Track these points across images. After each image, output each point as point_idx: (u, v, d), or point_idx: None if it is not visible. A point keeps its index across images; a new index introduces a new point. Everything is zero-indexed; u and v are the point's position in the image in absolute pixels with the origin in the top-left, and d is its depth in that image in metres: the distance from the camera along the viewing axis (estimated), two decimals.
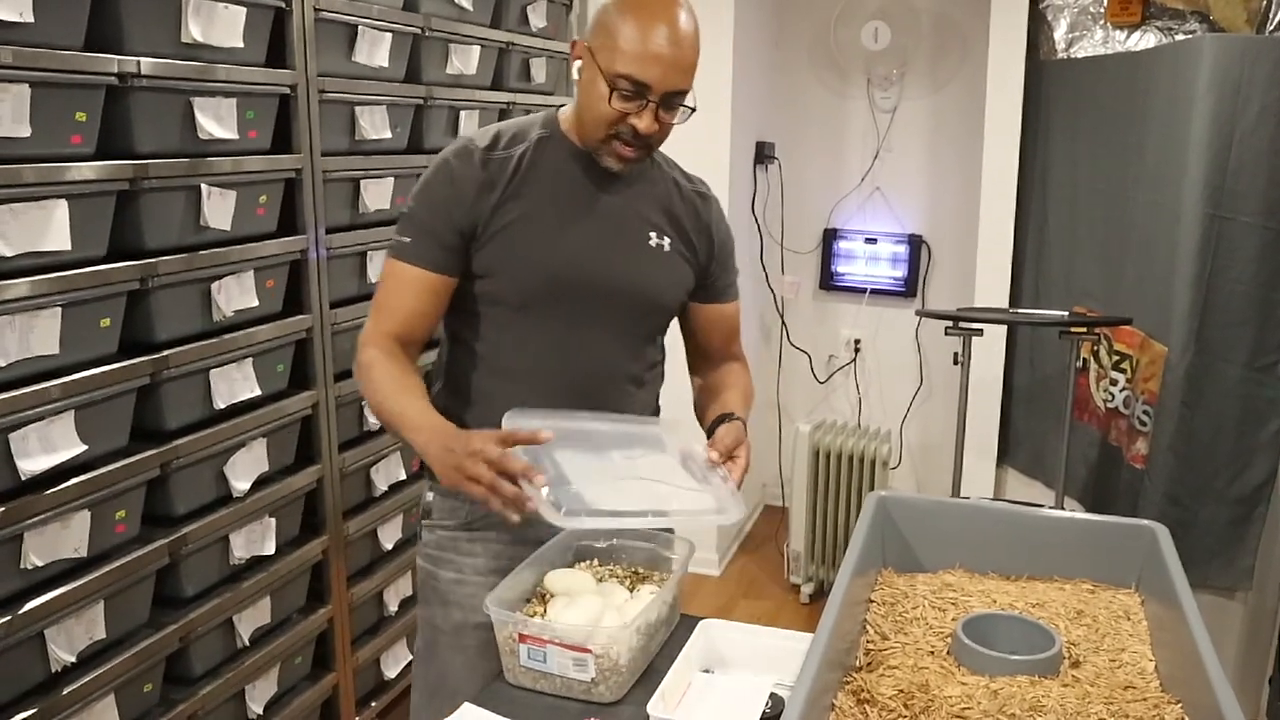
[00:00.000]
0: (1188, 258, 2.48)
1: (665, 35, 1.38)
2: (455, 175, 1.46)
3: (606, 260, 1.51)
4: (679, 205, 1.59)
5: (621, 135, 1.43)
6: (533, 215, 1.47)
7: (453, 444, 1.30)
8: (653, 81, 1.38)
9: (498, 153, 1.48)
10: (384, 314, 1.48)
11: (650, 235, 1.55)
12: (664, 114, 1.42)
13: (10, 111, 1.50)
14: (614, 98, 1.39)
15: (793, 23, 3.89)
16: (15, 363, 1.54)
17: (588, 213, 1.50)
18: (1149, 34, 3.05)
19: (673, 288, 1.59)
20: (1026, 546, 1.43)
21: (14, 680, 1.58)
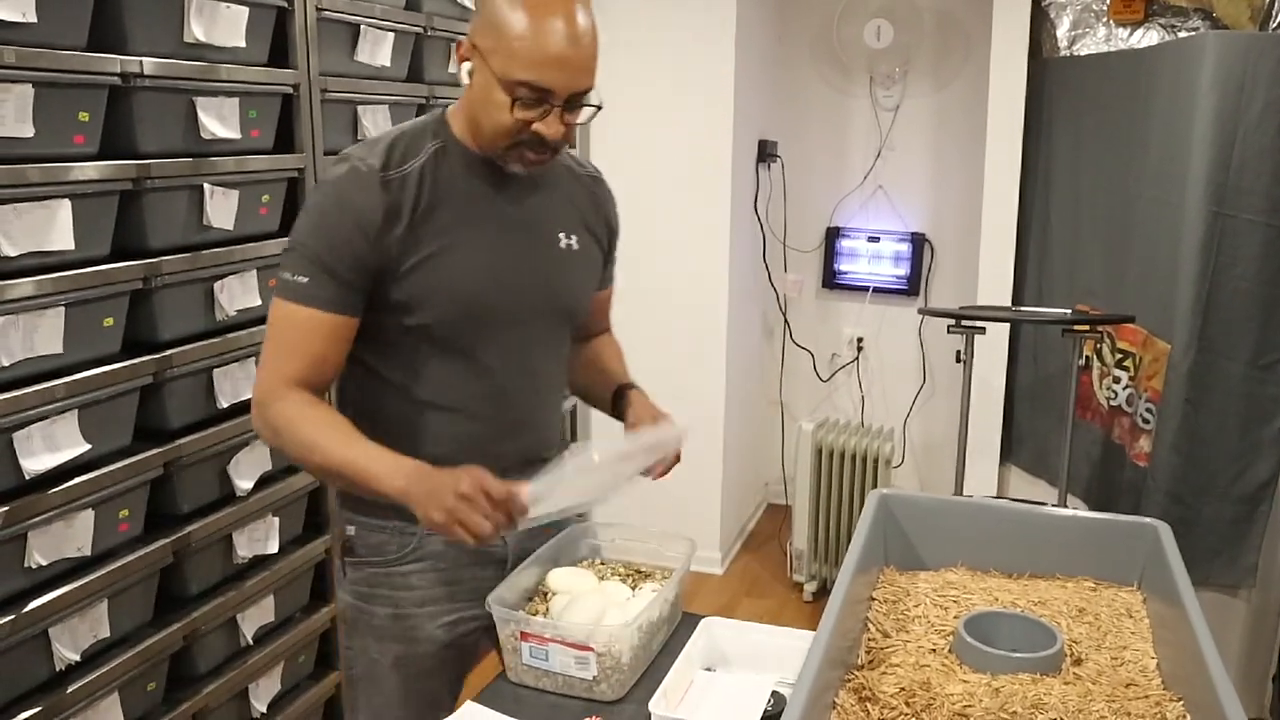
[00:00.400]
0: (1191, 255, 2.48)
1: (564, 33, 1.27)
2: (356, 206, 1.32)
3: (526, 275, 1.43)
4: (578, 196, 1.53)
5: (526, 143, 1.33)
6: (447, 241, 1.36)
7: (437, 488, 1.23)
8: (556, 86, 1.29)
9: (394, 172, 1.34)
10: (284, 362, 1.34)
11: (560, 237, 1.49)
12: (569, 116, 1.34)
13: (14, 111, 1.50)
14: (516, 107, 1.29)
15: (795, 20, 3.89)
16: (19, 362, 1.55)
17: (500, 227, 1.42)
18: (1152, 31, 3.05)
19: (588, 286, 1.56)
20: (1028, 544, 1.44)
21: (18, 679, 1.59)
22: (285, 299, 1.33)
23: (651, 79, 3.44)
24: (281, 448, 1.36)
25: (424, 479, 1.26)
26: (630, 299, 3.61)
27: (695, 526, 3.53)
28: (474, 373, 1.42)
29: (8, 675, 1.57)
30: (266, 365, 1.36)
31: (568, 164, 1.54)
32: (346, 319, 1.35)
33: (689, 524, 3.44)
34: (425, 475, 1.27)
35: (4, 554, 1.55)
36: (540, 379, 1.51)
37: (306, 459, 1.34)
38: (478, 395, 1.43)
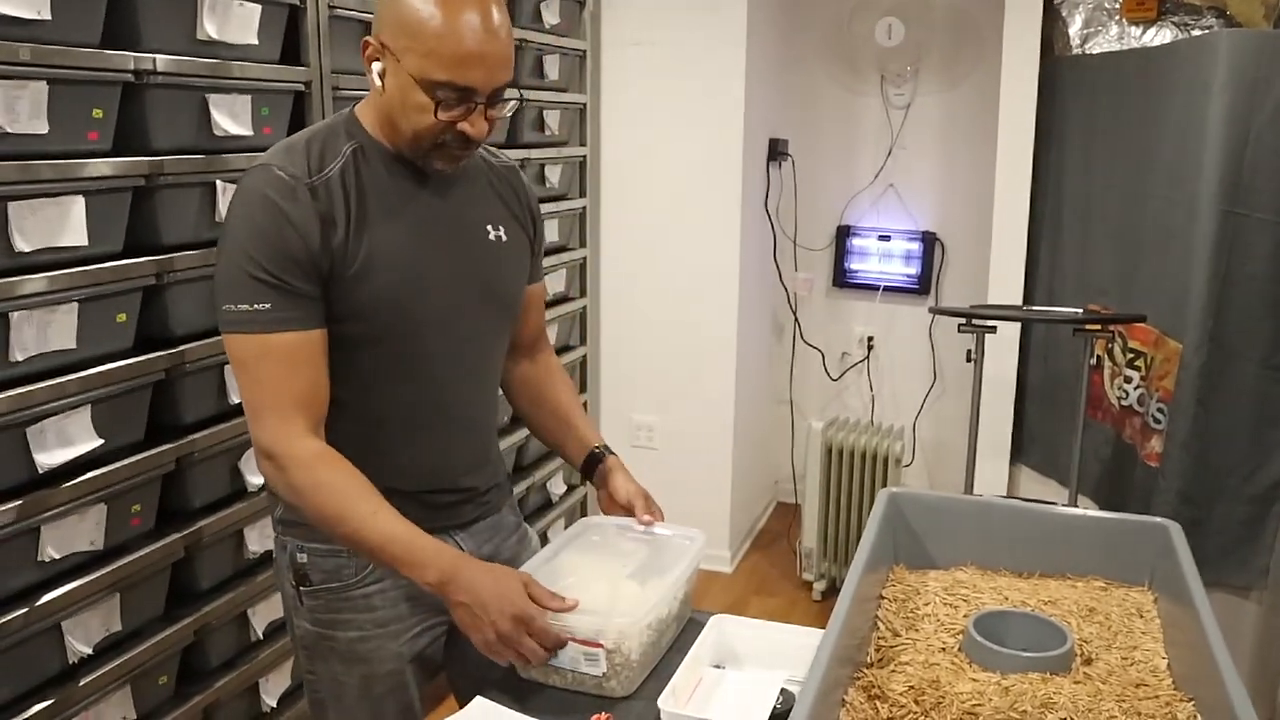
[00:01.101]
0: (1203, 254, 2.47)
1: (481, 29, 1.24)
2: (290, 214, 1.27)
3: (457, 268, 1.41)
4: (499, 187, 1.51)
5: (449, 142, 1.31)
6: (380, 245, 1.33)
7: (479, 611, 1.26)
8: (478, 84, 1.26)
9: (318, 178, 1.30)
10: (281, 403, 1.27)
11: (488, 229, 1.46)
12: (490, 111, 1.31)
13: (28, 108, 1.51)
14: (439, 109, 1.26)
15: (806, 18, 3.88)
16: (33, 357, 1.56)
17: (426, 222, 1.38)
18: (1165, 30, 3.03)
19: (518, 276, 1.54)
20: (1038, 544, 1.43)
21: (31, 671, 1.60)
22: (248, 333, 1.26)
23: (662, 78, 3.44)
24: (302, 510, 1.32)
25: (461, 578, 1.28)
26: (641, 297, 3.65)
27: (704, 524, 3.52)
28: (420, 379, 1.40)
29: (20, 668, 1.58)
30: (261, 412, 1.28)
31: (483, 155, 1.51)
32: (321, 332, 1.30)
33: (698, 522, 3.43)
34: (462, 571, 1.28)
35: (17, 547, 1.56)
36: (483, 377, 1.51)
37: (333, 529, 1.31)
38: (421, 404, 1.41)
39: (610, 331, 3.67)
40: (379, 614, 1.45)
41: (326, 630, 1.45)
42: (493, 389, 1.56)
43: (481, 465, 1.53)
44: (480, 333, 1.47)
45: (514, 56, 1.31)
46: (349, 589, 1.43)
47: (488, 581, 1.28)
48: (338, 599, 1.43)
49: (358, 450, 1.34)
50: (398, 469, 1.41)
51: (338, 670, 1.46)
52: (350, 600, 1.43)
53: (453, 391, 1.45)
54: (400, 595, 1.45)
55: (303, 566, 1.44)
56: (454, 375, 1.44)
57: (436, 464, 1.39)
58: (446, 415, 1.45)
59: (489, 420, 1.57)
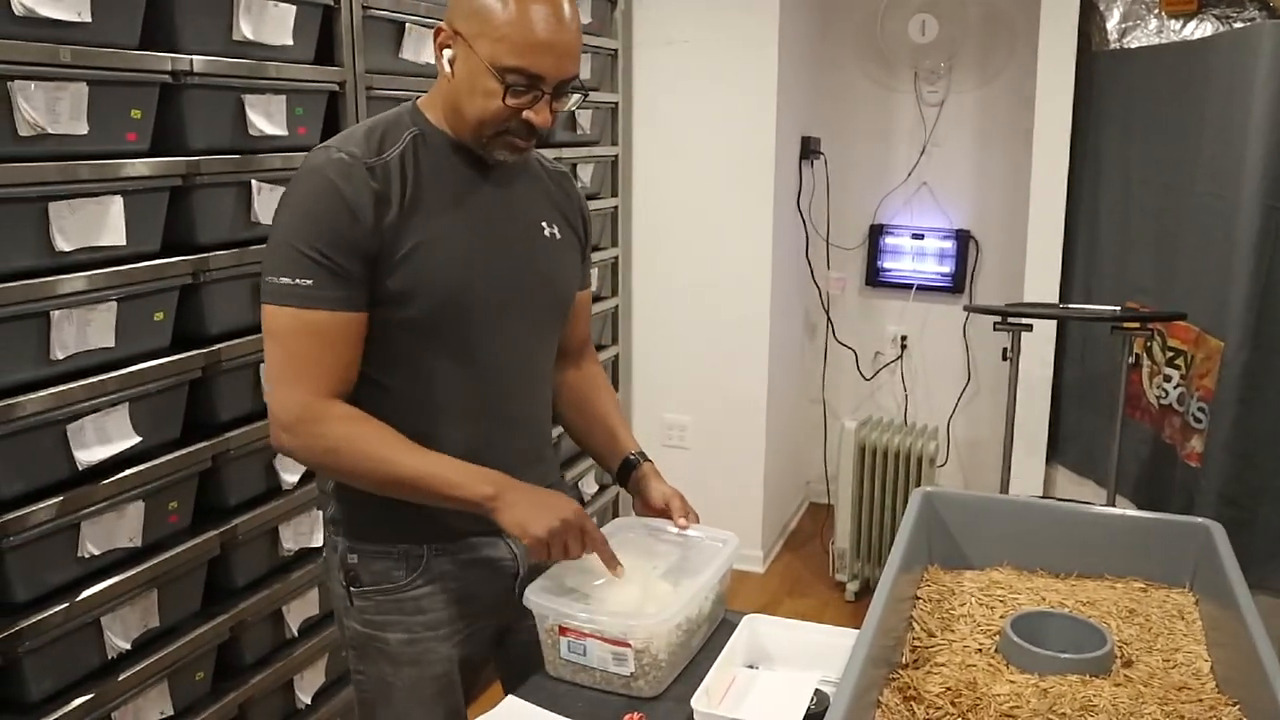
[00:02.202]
0: (1246, 251, 2.42)
1: (552, 18, 1.27)
2: (346, 193, 1.27)
3: (513, 261, 1.42)
4: (552, 189, 1.53)
5: (512, 130, 1.32)
6: (435, 229, 1.34)
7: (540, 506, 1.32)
8: (547, 72, 1.28)
9: (376, 160, 1.31)
10: (308, 376, 1.28)
11: (543, 225, 1.48)
12: (555, 103, 1.33)
13: (68, 109, 1.53)
14: (508, 94, 1.28)
15: (839, 16, 3.86)
16: (72, 355, 1.58)
17: (484, 213, 1.40)
18: (1206, 23, 2.98)
19: (572, 277, 1.55)
20: (1076, 544, 1.41)
21: (71, 666, 1.62)
22: (289, 305, 1.27)
23: (695, 76, 3.43)
24: (338, 465, 1.32)
25: (517, 489, 1.32)
26: (673, 296, 3.64)
27: (737, 525, 3.50)
28: (470, 369, 1.40)
29: (61, 663, 1.60)
30: (283, 383, 1.29)
31: (537, 159, 1.53)
32: (359, 316, 1.31)
33: (730, 522, 3.41)
34: (516, 485, 1.33)
35: (58, 544, 1.58)
36: (533, 375, 1.51)
37: (372, 473, 1.31)
38: (474, 395, 1.41)
39: (642, 331, 3.66)
40: (429, 616, 1.44)
41: (376, 632, 1.45)
42: (544, 387, 1.55)
43: (534, 462, 1.50)
44: (530, 326, 1.47)
45: (580, 50, 1.33)
46: (400, 590, 1.43)
47: (542, 489, 1.38)
48: (388, 601, 1.43)
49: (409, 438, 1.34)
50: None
51: (386, 671, 1.46)
52: (400, 603, 1.43)
53: (502, 383, 1.44)
54: (451, 598, 1.45)
55: (353, 568, 1.44)
56: (503, 366, 1.43)
57: (487, 456, 1.36)
58: (497, 407, 1.44)
59: (541, 416, 1.55)
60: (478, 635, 1.50)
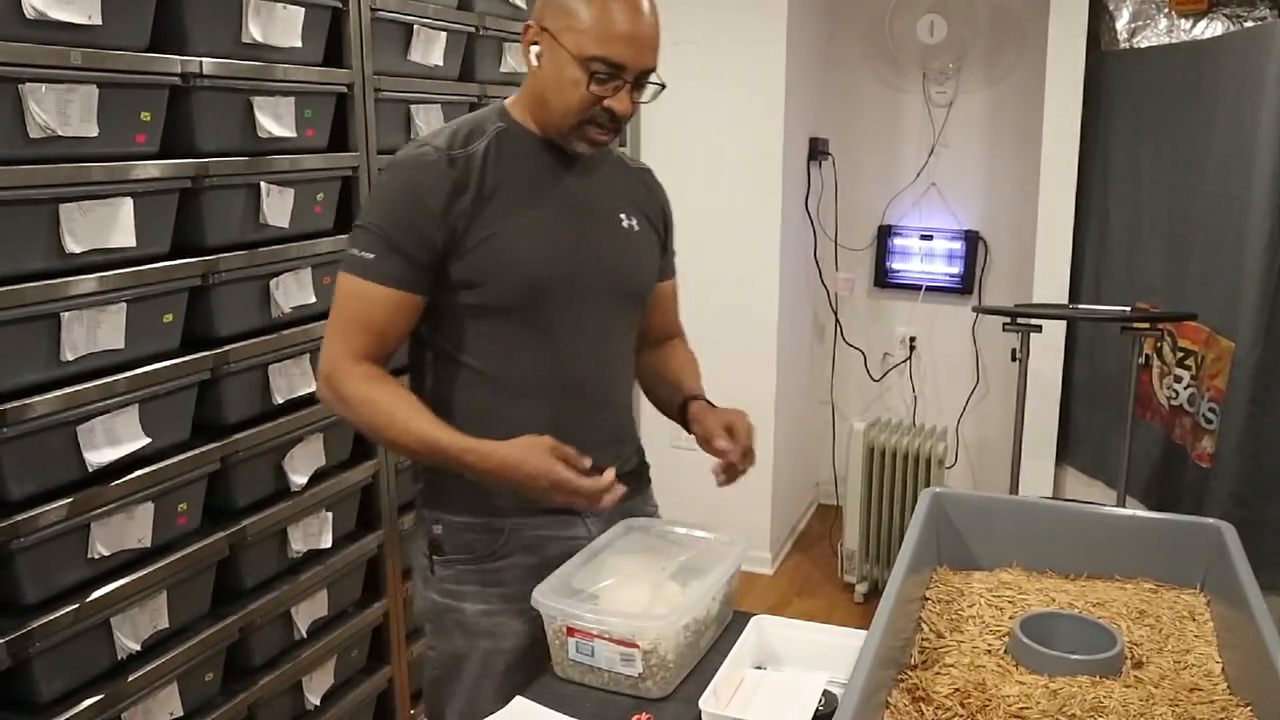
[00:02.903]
0: (1257, 251, 2.41)
1: (634, 12, 1.36)
2: (423, 184, 1.38)
3: (589, 250, 1.48)
4: (633, 184, 1.59)
5: (596, 119, 1.39)
6: (510, 217, 1.41)
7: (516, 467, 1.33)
8: (628, 61, 1.35)
9: (459, 151, 1.41)
10: (351, 336, 1.39)
11: (621, 217, 1.53)
12: (636, 93, 1.40)
13: (79, 111, 1.54)
14: (591, 82, 1.36)
15: (847, 16, 3.85)
16: (83, 356, 1.58)
17: (562, 204, 1.47)
18: (1216, 22, 2.97)
19: (649, 267, 1.60)
20: (1086, 545, 1.41)
21: (81, 667, 1.63)
22: (351, 273, 1.39)
23: (703, 77, 3.43)
24: (352, 419, 1.41)
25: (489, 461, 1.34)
26: (681, 297, 3.62)
27: (745, 526, 3.52)
28: (546, 353, 1.46)
29: (71, 663, 1.60)
30: (332, 338, 1.41)
31: (619, 157, 1.61)
32: (411, 296, 1.40)
33: (739, 523, 3.42)
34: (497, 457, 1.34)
35: (68, 544, 1.59)
36: (611, 359, 1.54)
37: (381, 430, 1.39)
38: (552, 377, 1.46)
39: None
40: (506, 589, 1.48)
41: (454, 602, 1.50)
42: (623, 371, 1.58)
43: (610, 445, 1.54)
44: (606, 312, 1.51)
45: (660, 40, 1.40)
46: (480, 561, 1.49)
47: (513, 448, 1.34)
48: (468, 571, 1.49)
49: (486, 417, 1.43)
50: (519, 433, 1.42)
51: (459, 644, 1.50)
52: (480, 573, 1.49)
53: (579, 366, 1.48)
54: (529, 573, 1.46)
55: (438, 538, 1.50)
56: (580, 350, 1.48)
57: (565, 438, 1.38)
58: (572, 389, 1.49)
59: (619, 401, 1.58)
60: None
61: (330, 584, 2.14)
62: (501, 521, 1.48)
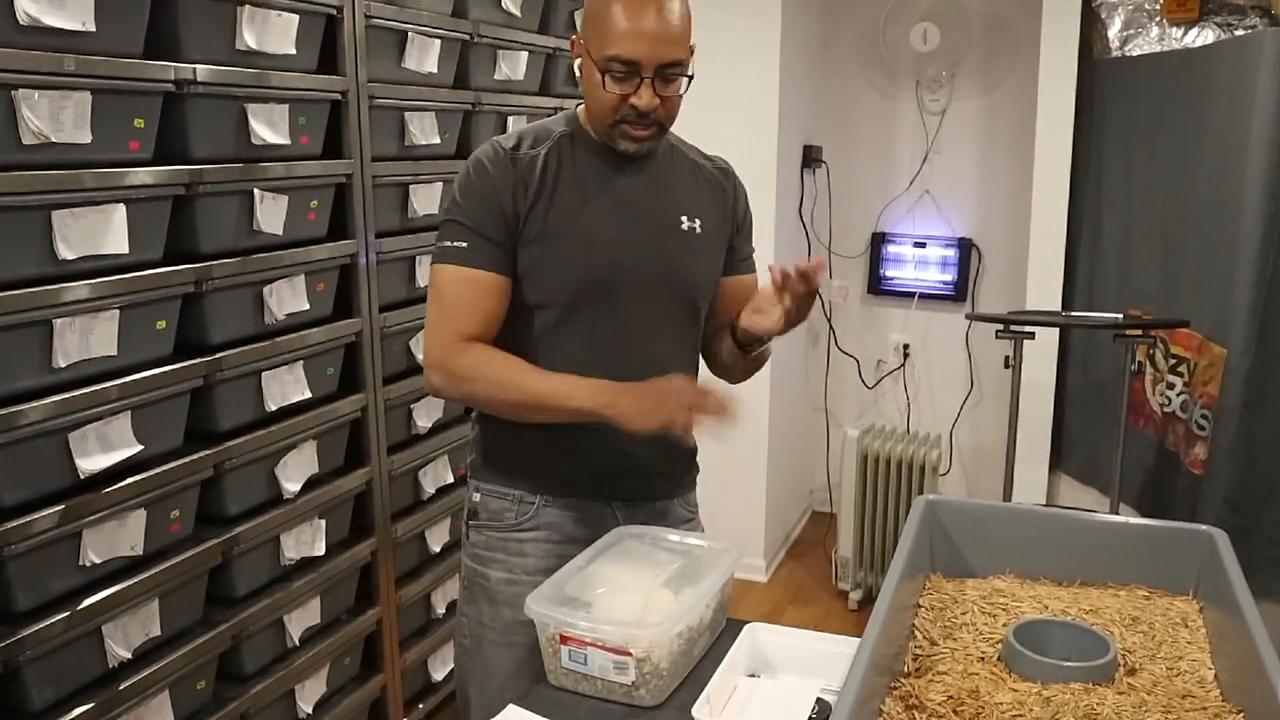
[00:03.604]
0: (1249, 257, 2.42)
1: (648, 9, 1.40)
2: (493, 177, 1.47)
3: (643, 249, 1.52)
4: (703, 185, 1.61)
5: (627, 118, 1.45)
6: (566, 215, 1.48)
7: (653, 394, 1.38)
8: (641, 57, 1.40)
9: (524, 152, 1.49)
10: (457, 320, 1.46)
11: (682, 219, 1.56)
12: (661, 88, 1.44)
13: (72, 118, 1.54)
14: (607, 81, 1.42)
15: (841, 24, 3.86)
16: (75, 363, 1.58)
17: (618, 204, 1.51)
18: (1207, 30, 2.98)
19: (708, 269, 1.61)
20: (1079, 552, 1.41)
21: (73, 675, 1.62)
22: (448, 263, 1.46)
23: (696, 84, 3.42)
24: (470, 393, 1.48)
25: (624, 394, 1.39)
26: None
27: (739, 533, 3.51)
28: (598, 350, 1.50)
29: (62, 671, 1.60)
30: (436, 327, 1.48)
31: (695, 158, 1.64)
32: (505, 280, 1.47)
33: (733, 531, 3.42)
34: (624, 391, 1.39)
35: (59, 552, 1.58)
36: (658, 360, 1.54)
37: (500, 396, 1.46)
38: (604, 372, 1.47)
39: None
40: (529, 561, 1.54)
41: (481, 568, 1.57)
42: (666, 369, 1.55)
43: (654, 443, 1.54)
44: (654, 313, 1.54)
45: (683, 37, 1.45)
46: (508, 530, 1.56)
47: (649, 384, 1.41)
48: (496, 538, 1.56)
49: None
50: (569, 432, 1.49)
51: (484, 611, 1.57)
52: (506, 542, 1.56)
53: (618, 363, 1.50)
54: (552, 550, 1.54)
55: (475, 505, 1.59)
56: (621, 347, 1.51)
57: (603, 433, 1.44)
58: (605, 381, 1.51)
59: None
60: None
61: (323, 591, 2.14)
62: (533, 496, 1.55)
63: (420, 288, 2.39)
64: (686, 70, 1.47)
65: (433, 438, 2.46)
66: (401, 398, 2.34)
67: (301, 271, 2.02)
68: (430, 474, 2.47)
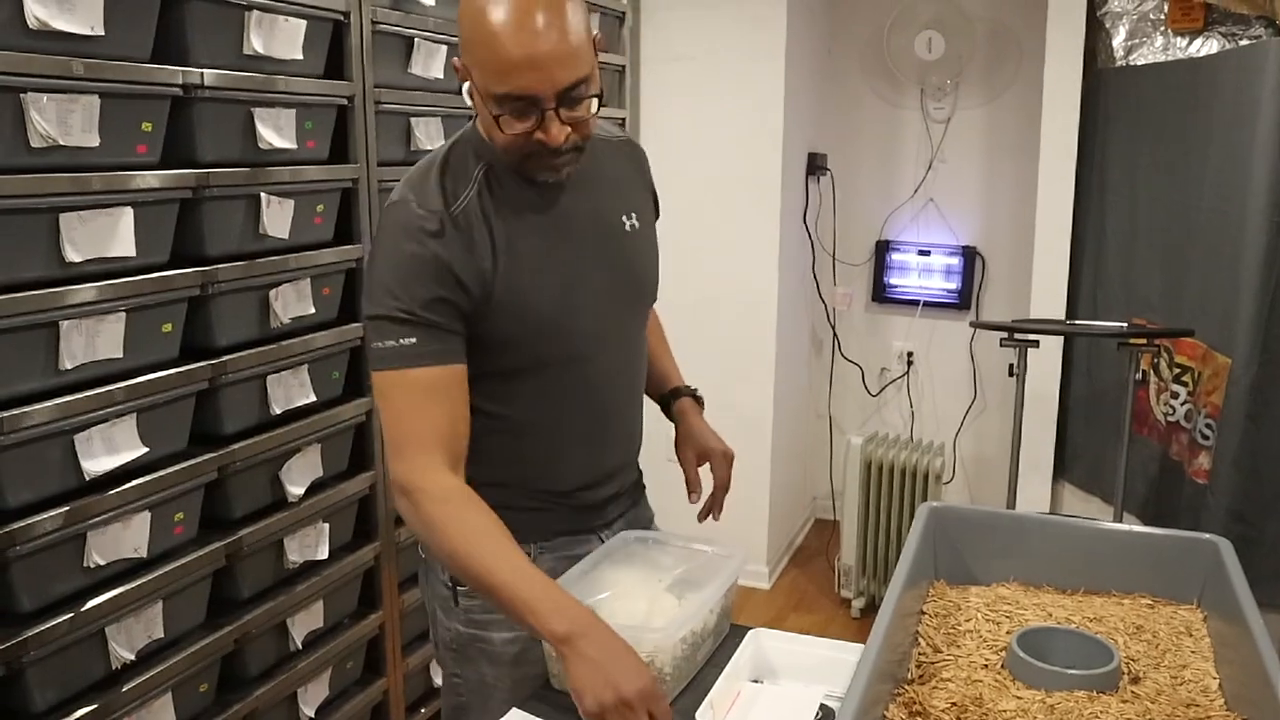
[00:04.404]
0: (1253, 267, 2.42)
1: (526, 31, 1.16)
2: (439, 255, 1.26)
3: (606, 276, 1.40)
4: (621, 168, 1.48)
5: (537, 153, 1.25)
6: (524, 266, 1.31)
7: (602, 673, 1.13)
8: (536, 89, 1.18)
9: (455, 207, 1.28)
10: (421, 436, 1.26)
11: (624, 221, 1.43)
12: (569, 113, 1.22)
13: (80, 121, 1.54)
14: (505, 121, 1.21)
15: (845, 32, 3.87)
16: (81, 365, 1.58)
17: (569, 236, 1.36)
18: (1212, 40, 2.98)
19: (655, 263, 1.52)
20: (1083, 560, 1.41)
21: (76, 676, 1.62)
22: (397, 368, 1.26)
23: (701, 92, 3.45)
24: (430, 547, 1.32)
25: (591, 638, 1.16)
26: (679, 311, 3.61)
27: (742, 540, 3.51)
28: (581, 393, 1.41)
29: (66, 672, 1.60)
30: (401, 445, 1.27)
31: (599, 135, 1.42)
32: (462, 367, 1.29)
33: (736, 538, 3.41)
34: (592, 633, 1.17)
35: (64, 553, 1.58)
36: (637, 374, 1.51)
37: (458, 568, 1.26)
38: (586, 413, 1.42)
39: None
40: None
41: (480, 631, 1.44)
42: (641, 379, 1.55)
43: (630, 464, 1.55)
44: (632, 331, 1.48)
45: (582, 50, 1.20)
46: None
47: (621, 645, 1.18)
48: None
49: (511, 459, 1.39)
50: (552, 475, 1.43)
51: (487, 673, 1.46)
52: None
53: (612, 398, 1.46)
54: None
55: None
56: (613, 381, 1.45)
57: (591, 467, 1.41)
58: (605, 422, 1.47)
59: (637, 417, 1.56)
60: None
61: (326, 595, 2.14)
62: (526, 548, 1.33)
63: None
64: (592, 88, 1.23)
65: None
66: None
67: (307, 275, 2.03)
68: None
